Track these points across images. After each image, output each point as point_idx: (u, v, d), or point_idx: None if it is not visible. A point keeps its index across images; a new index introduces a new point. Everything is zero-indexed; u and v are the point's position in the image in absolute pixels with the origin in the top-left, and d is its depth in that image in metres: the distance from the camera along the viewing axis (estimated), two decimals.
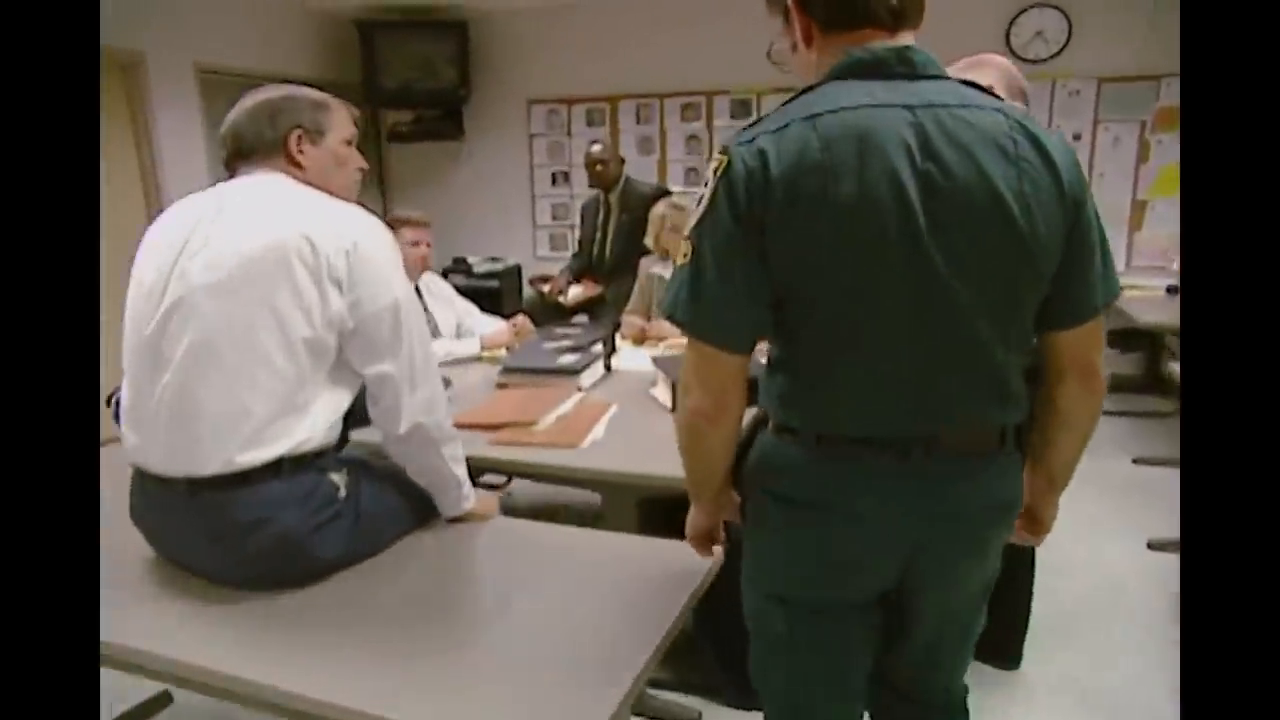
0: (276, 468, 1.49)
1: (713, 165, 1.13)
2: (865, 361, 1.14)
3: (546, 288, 4.77)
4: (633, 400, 2.60)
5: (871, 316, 1.11)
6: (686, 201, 3.58)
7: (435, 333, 3.50)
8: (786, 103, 1.16)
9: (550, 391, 2.62)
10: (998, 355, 1.15)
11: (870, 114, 1.08)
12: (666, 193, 4.49)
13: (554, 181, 6.49)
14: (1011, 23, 5.14)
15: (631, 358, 3.17)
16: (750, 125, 1.15)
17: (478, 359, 3.26)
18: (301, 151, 1.60)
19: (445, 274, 6.33)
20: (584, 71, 6.15)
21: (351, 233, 1.51)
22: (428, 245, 3.47)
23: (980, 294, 1.10)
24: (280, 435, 1.49)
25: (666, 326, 3.41)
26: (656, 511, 2.06)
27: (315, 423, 1.53)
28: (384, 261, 1.55)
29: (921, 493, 1.18)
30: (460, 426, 2.33)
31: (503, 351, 3.28)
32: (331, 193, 1.61)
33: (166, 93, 5.03)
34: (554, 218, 6.54)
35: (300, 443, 1.51)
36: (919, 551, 1.23)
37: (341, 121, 1.66)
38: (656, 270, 3.69)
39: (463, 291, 6.49)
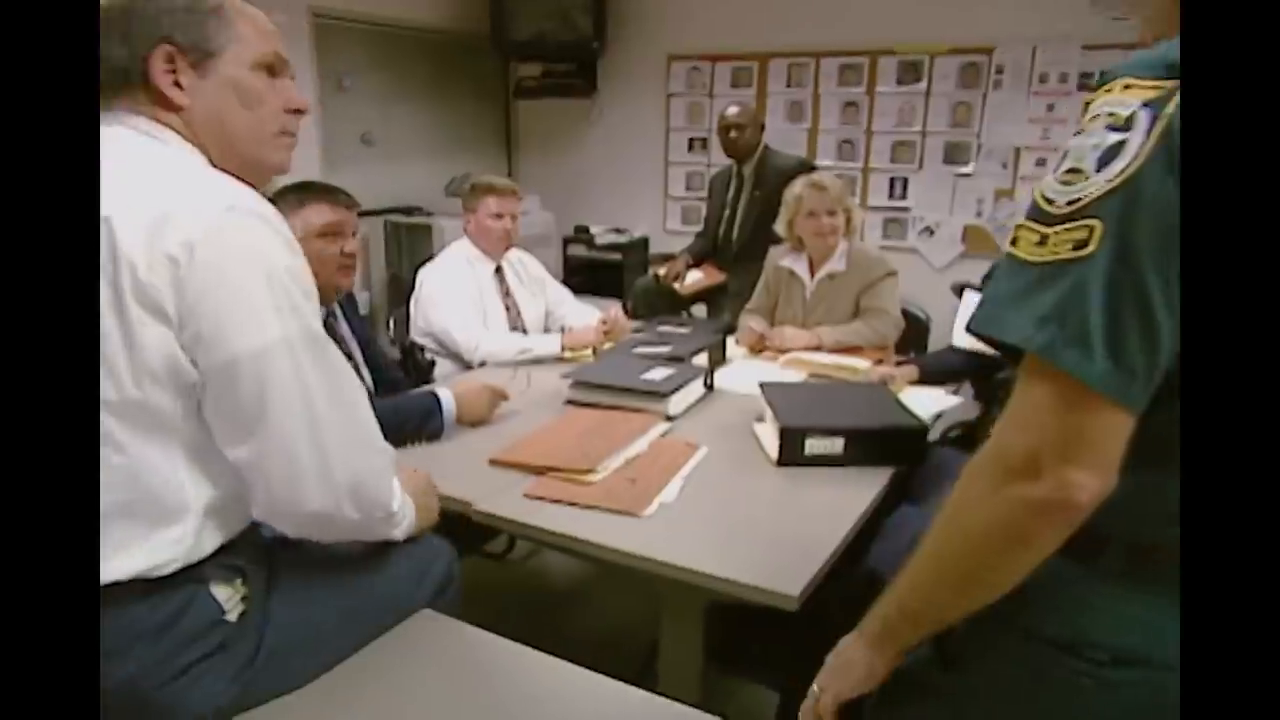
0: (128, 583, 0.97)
1: (1132, 110, 0.71)
2: None
3: (663, 271, 4.16)
4: (730, 439, 1.99)
5: None
6: (832, 181, 2.88)
7: (516, 323, 2.97)
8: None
9: (625, 420, 2.04)
10: None
11: None
12: (810, 168, 3.79)
13: (690, 147, 5.85)
14: None
15: (742, 373, 2.54)
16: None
17: (559, 359, 2.70)
18: (178, 84, 1.04)
19: (565, 243, 5.85)
20: (731, 25, 5.46)
21: (192, 225, 0.94)
22: (513, 218, 2.93)
23: None
24: (128, 545, 0.96)
25: (793, 335, 2.75)
26: (732, 627, 1.46)
27: (181, 533, 1.00)
28: (249, 278, 0.96)
29: None
30: (496, 464, 1.82)
31: (590, 353, 2.72)
32: (239, 154, 1.07)
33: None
34: (688, 188, 5.91)
35: (154, 565, 0.98)
36: None
37: (248, 33, 1.08)
38: (786, 263, 3.02)
39: (583, 265, 6.13)
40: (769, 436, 1.94)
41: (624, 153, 6.04)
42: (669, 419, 2.10)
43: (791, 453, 1.82)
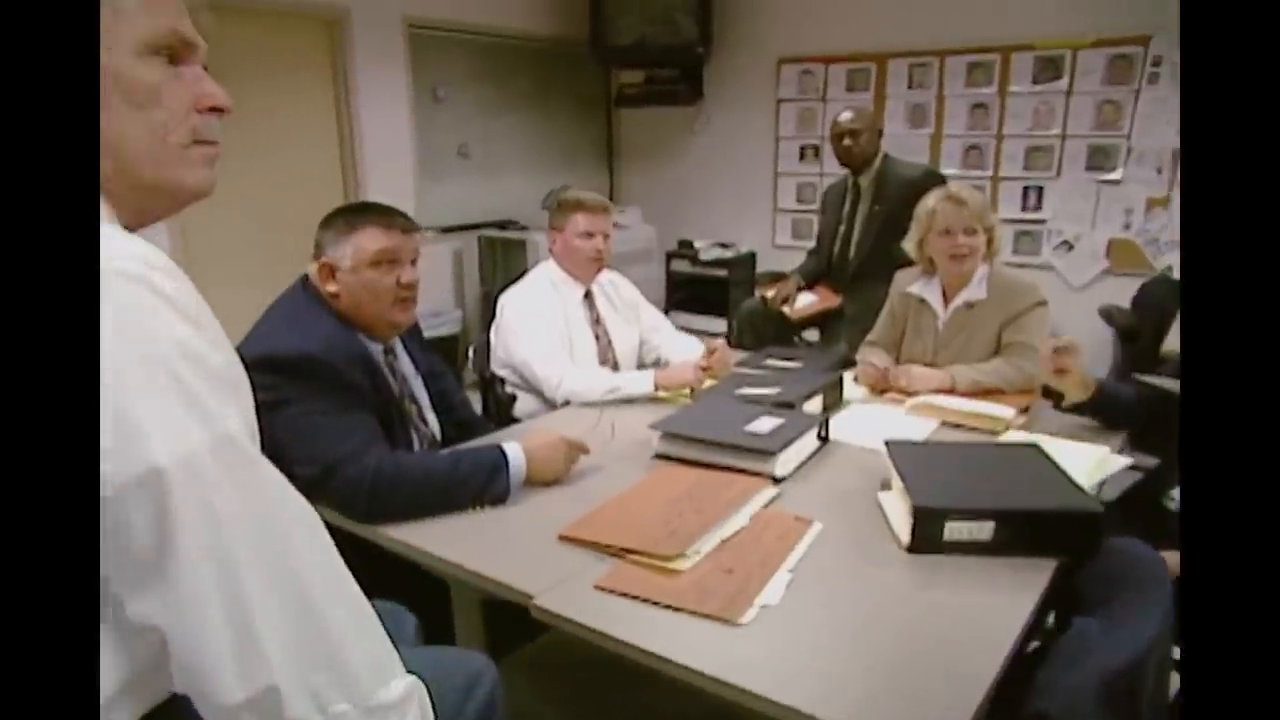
0: None
1: None
2: None
3: (770, 293, 3.79)
4: (848, 511, 1.64)
5: None
6: (971, 195, 2.47)
7: (606, 354, 2.68)
8: None
9: (724, 484, 1.72)
10: None
11: None
12: (939, 178, 3.38)
13: (802, 156, 5.49)
14: None
15: (861, 419, 2.19)
16: None
17: (653, 399, 2.39)
18: None
19: (668, 259, 5.56)
20: (847, 23, 5.08)
21: None
22: (605, 237, 2.64)
23: None
24: None
25: (922, 374, 2.36)
26: None
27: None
28: (126, 368, 0.66)
29: None
30: (566, 541, 1.52)
31: (687, 393, 2.40)
32: (134, 175, 0.78)
33: (372, 49, 4.56)
34: (799, 200, 5.54)
35: None
36: None
37: (129, 4, 0.76)
38: (916, 289, 2.63)
39: (686, 281, 5.81)
40: (897, 512, 1.59)
41: (730, 162, 5.71)
42: (776, 481, 1.76)
43: (927, 538, 1.47)
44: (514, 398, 2.58)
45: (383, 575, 1.28)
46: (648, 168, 6.08)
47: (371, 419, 1.76)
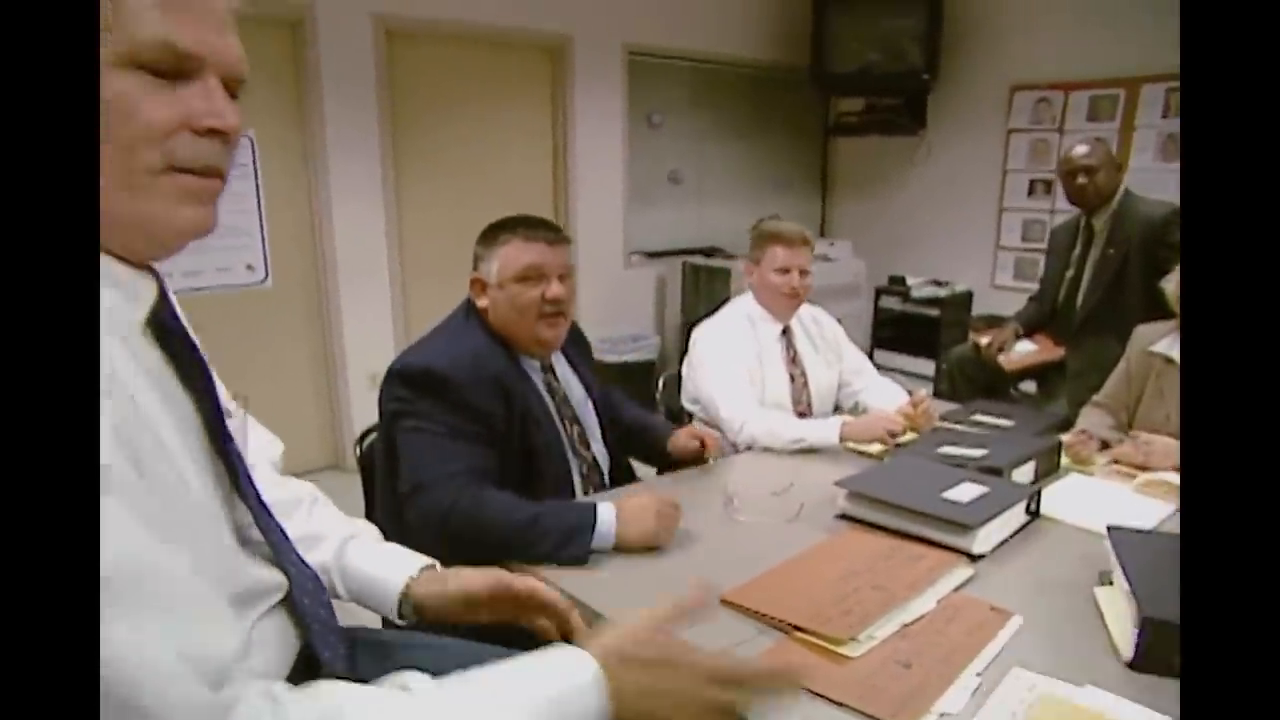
0: None
1: None
2: None
3: (985, 340, 3.49)
4: (1056, 604, 1.42)
5: None
6: None
7: (801, 394, 2.55)
8: None
9: (911, 557, 1.55)
10: None
11: None
12: None
13: (1031, 191, 5.10)
14: None
15: (1080, 495, 1.93)
16: None
17: (840, 449, 2.23)
18: None
19: (877, 294, 5.32)
20: (1091, 46, 4.67)
21: None
22: (802, 273, 2.50)
23: None
24: None
25: (1165, 446, 2.06)
26: None
27: None
28: None
29: None
30: (729, 606, 1.41)
31: (876, 448, 2.22)
32: (109, 204, 0.67)
33: (592, 75, 4.66)
34: (1024, 238, 5.15)
35: None
36: None
37: (125, 6, 0.66)
38: (1162, 348, 2.29)
39: (894, 319, 5.51)
40: (1118, 616, 1.36)
41: (952, 196, 5.40)
42: (972, 559, 1.57)
43: (1158, 657, 1.23)
44: None
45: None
46: (862, 199, 5.85)
47: (484, 452, 1.71)
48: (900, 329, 5.25)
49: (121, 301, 0.71)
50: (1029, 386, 3.65)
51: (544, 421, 1.86)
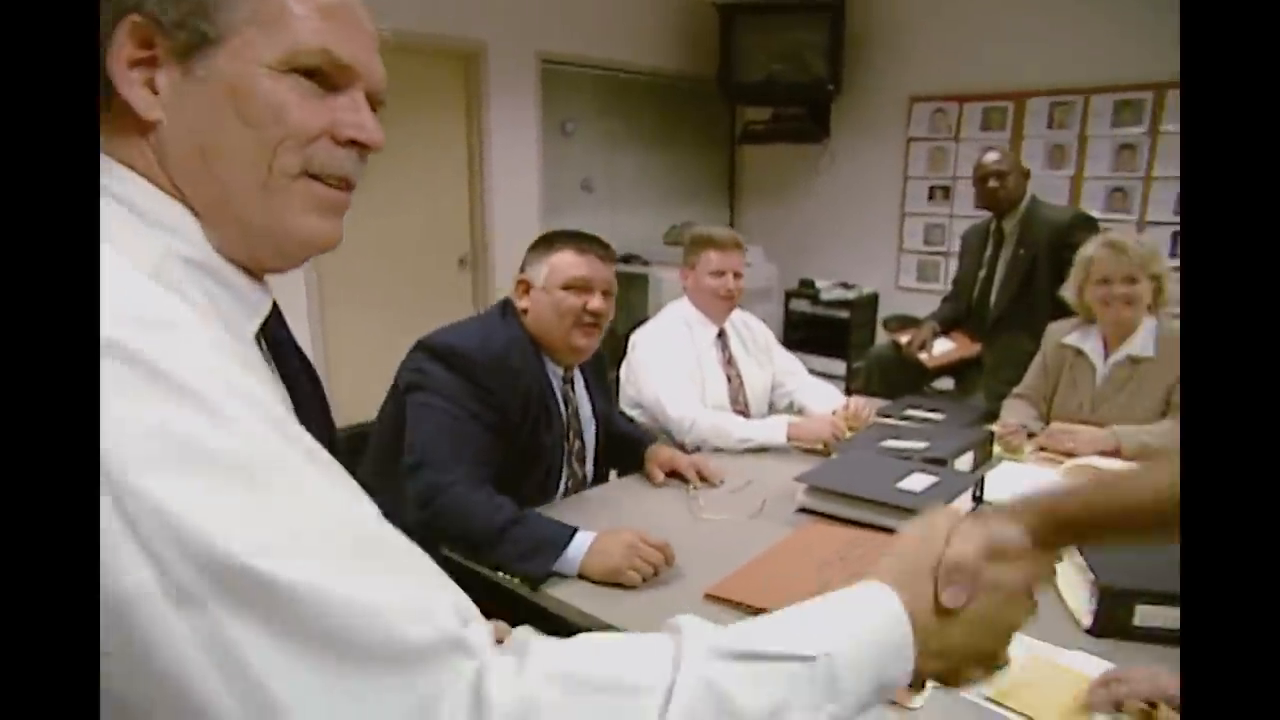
0: None
1: None
2: None
3: (905, 339, 3.65)
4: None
5: None
6: (1134, 242, 2.32)
7: (738, 395, 2.61)
8: None
9: (875, 545, 1.62)
10: None
11: None
12: (1089, 222, 3.22)
13: (931, 196, 5.33)
14: None
15: (1014, 480, 2.05)
16: None
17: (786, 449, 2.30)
18: (151, 85, 0.63)
19: (788, 298, 5.46)
20: (984, 60, 4.93)
21: None
22: (735, 276, 2.57)
23: None
24: None
25: (1090, 436, 2.20)
26: None
27: None
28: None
29: None
30: (713, 600, 1.45)
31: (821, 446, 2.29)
32: (233, 212, 0.66)
33: (506, 83, 4.65)
34: (926, 241, 5.38)
35: None
36: None
37: (289, 12, 0.65)
38: (1073, 340, 2.47)
39: (805, 321, 5.68)
40: (1074, 589, 1.46)
41: (856, 202, 5.59)
42: None
43: (1114, 623, 1.34)
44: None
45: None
46: (770, 205, 6.01)
47: (491, 443, 1.74)
48: (811, 330, 5.40)
49: (239, 310, 0.69)
50: (945, 383, 3.83)
51: (554, 424, 1.90)
